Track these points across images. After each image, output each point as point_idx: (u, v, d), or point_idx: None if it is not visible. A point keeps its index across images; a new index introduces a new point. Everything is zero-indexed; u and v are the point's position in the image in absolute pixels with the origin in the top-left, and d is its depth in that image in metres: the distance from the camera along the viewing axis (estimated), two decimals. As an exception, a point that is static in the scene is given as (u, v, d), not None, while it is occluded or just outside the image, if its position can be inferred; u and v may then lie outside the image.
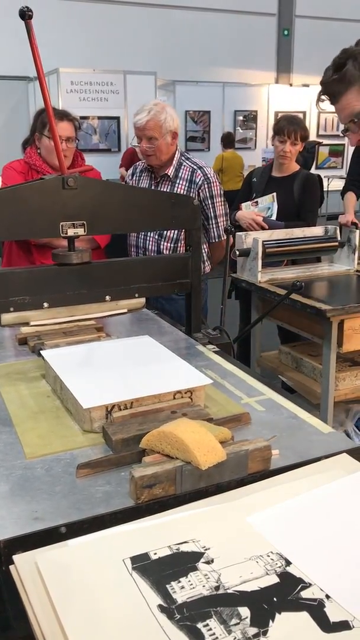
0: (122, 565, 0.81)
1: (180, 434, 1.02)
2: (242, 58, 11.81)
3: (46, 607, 0.75)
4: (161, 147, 2.64)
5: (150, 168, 2.79)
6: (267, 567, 0.80)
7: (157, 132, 2.61)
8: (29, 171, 2.55)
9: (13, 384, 1.47)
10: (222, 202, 2.77)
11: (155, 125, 2.59)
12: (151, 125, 2.60)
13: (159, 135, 2.61)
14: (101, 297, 1.61)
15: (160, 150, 2.65)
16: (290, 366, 2.95)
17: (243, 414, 1.27)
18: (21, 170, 2.56)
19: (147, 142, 2.64)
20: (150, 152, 2.65)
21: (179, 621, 0.72)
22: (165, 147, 2.66)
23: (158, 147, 2.63)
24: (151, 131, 2.61)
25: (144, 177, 2.83)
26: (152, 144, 2.63)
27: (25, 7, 1.31)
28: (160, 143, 2.63)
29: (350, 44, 1.54)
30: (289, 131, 3.22)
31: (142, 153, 2.72)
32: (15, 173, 2.53)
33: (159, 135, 2.61)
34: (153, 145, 2.63)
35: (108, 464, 1.09)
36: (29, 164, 2.57)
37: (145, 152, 2.67)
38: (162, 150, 2.65)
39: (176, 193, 2.64)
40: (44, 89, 1.44)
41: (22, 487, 1.04)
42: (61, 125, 2.50)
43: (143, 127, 2.61)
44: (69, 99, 8.54)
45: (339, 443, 1.18)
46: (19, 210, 1.45)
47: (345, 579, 0.78)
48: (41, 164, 2.55)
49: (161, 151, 2.65)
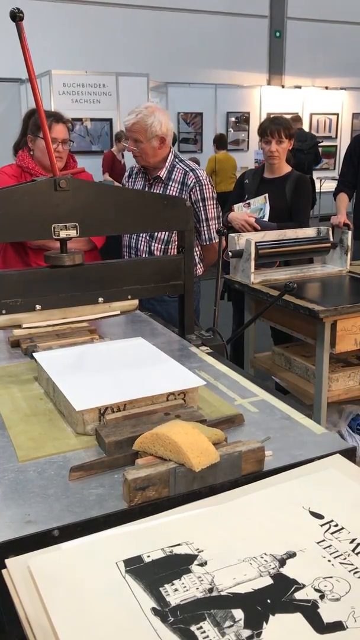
0: (115, 568, 0.80)
1: (174, 436, 1.02)
2: (234, 60, 11.83)
3: (39, 611, 0.74)
4: (146, 150, 2.65)
5: (144, 170, 2.80)
6: (261, 569, 0.80)
7: (141, 135, 2.62)
8: (22, 174, 2.53)
9: (5, 387, 1.46)
10: (214, 205, 2.78)
11: (140, 128, 2.61)
12: (136, 127, 2.62)
13: (144, 138, 2.62)
14: (94, 299, 1.61)
15: (145, 152, 2.66)
16: (284, 367, 2.96)
17: (236, 415, 1.27)
18: (13, 174, 2.53)
19: (132, 144, 2.68)
20: (136, 153, 2.69)
21: (172, 624, 0.71)
22: (151, 151, 2.66)
23: (143, 149, 2.65)
24: (136, 133, 2.63)
25: (138, 179, 2.84)
26: (136, 146, 2.66)
27: (16, 9, 1.31)
28: (145, 146, 2.64)
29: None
30: (271, 131, 3.22)
31: (130, 151, 2.75)
32: (7, 177, 2.50)
33: (143, 139, 2.63)
34: (137, 148, 2.66)
35: (101, 467, 1.08)
36: (21, 167, 2.54)
37: (131, 152, 2.71)
38: (148, 153, 2.67)
39: (169, 195, 2.64)
40: (35, 91, 1.44)
41: (15, 490, 1.04)
42: (57, 128, 2.50)
43: (129, 129, 2.66)
44: (61, 100, 8.52)
45: (332, 444, 1.18)
46: (10, 212, 1.44)
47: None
48: (34, 167, 2.53)
49: (147, 154, 2.67)
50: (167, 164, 2.72)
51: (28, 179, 2.48)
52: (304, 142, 8.76)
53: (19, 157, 2.58)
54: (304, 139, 8.90)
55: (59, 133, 2.50)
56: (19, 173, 2.54)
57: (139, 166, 2.83)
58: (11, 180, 2.48)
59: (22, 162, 2.55)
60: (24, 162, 2.55)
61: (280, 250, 2.97)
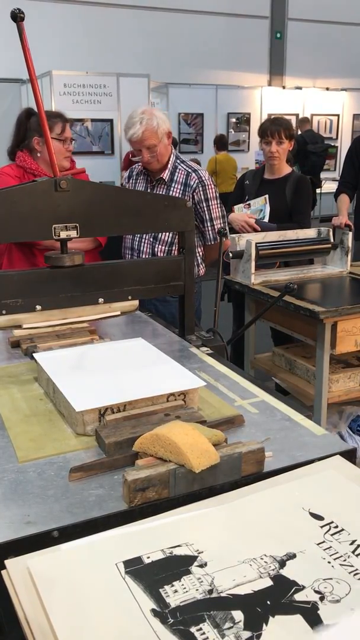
0: (115, 569, 0.80)
1: (174, 437, 1.02)
2: (235, 61, 11.83)
3: (38, 612, 0.74)
4: (161, 150, 2.65)
5: (146, 171, 2.79)
6: (261, 570, 0.80)
7: (154, 139, 2.61)
8: (24, 175, 2.51)
9: (5, 387, 1.46)
10: (217, 205, 2.77)
11: (151, 133, 2.60)
12: (147, 134, 2.60)
13: (157, 141, 2.61)
14: (94, 299, 1.60)
15: (160, 154, 2.66)
16: (284, 368, 2.96)
17: (236, 416, 1.27)
18: (15, 174, 2.51)
19: (148, 152, 2.63)
20: (153, 160, 2.66)
21: (172, 625, 0.71)
22: (165, 149, 2.67)
23: (159, 152, 2.64)
24: (149, 140, 2.61)
25: (140, 181, 2.83)
26: (153, 151, 2.63)
27: (17, 9, 1.31)
28: (160, 148, 2.63)
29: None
30: (271, 131, 3.23)
31: (143, 163, 2.71)
32: (10, 178, 2.48)
33: (157, 141, 2.61)
34: (154, 153, 2.63)
35: (101, 467, 1.08)
36: (23, 167, 2.52)
37: (148, 161, 2.67)
38: (162, 153, 2.67)
39: (169, 195, 2.64)
40: (36, 91, 1.44)
41: (15, 491, 1.04)
42: (67, 128, 2.51)
43: (140, 139, 2.61)
44: (62, 101, 8.52)
45: (333, 445, 1.18)
46: (11, 213, 1.44)
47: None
48: (37, 167, 2.51)
49: (162, 154, 2.67)
50: (169, 166, 2.71)
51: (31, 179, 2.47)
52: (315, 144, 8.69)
53: (19, 157, 2.55)
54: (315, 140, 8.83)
55: (69, 132, 2.52)
56: (20, 173, 2.52)
57: (140, 168, 2.82)
58: (14, 181, 2.45)
59: (24, 163, 2.52)
60: (26, 162, 2.52)
61: (280, 251, 2.97)
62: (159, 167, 2.71)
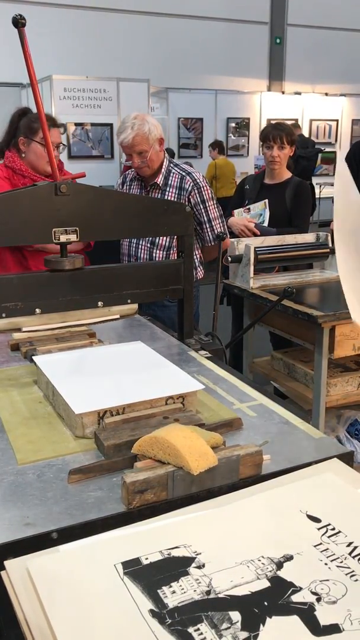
0: (113, 570, 0.81)
1: (172, 440, 1.02)
2: (234, 66, 11.88)
3: (37, 613, 0.75)
4: (152, 157, 2.66)
5: (139, 177, 2.80)
6: (258, 572, 0.81)
7: (145, 144, 2.62)
8: (14, 175, 2.49)
9: (5, 390, 1.47)
10: (214, 205, 2.79)
11: (142, 138, 2.61)
12: (138, 140, 2.61)
13: (148, 147, 2.63)
14: (93, 303, 1.61)
15: (151, 160, 2.67)
16: (282, 372, 2.96)
17: (235, 419, 1.28)
18: (5, 175, 2.49)
19: (138, 157, 2.65)
20: (143, 165, 2.67)
21: (170, 626, 0.72)
22: (156, 156, 2.68)
23: (150, 158, 2.65)
24: (140, 146, 2.62)
25: (134, 186, 2.84)
26: (143, 157, 2.64)
27: (19, 15, 1.32)
28: (151, 154, 2.65)
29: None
30: (274, 136, 3.25)
31: (134, 168, 2.73)
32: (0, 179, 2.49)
33: (148, 147, 2.63)
34: (145, 159, 2.65)
35: (100, 470, 1.09)
36: (12, 168, 2.50)
37: (138, 166, 2.68)
38: (153, 159, 2.68)
39: (168, 200, 2.65)
40: (37, 97, 1.45)
41: (14, 492, 1.04)
42: (54, 133, 2.50)
43: (131, 144, 2.62)
44: (62, 105, 8.55)
45: (330, 448, 1.19)
46: (11, 217, 1.45)
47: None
48: (27, 169, 2.49)
49: (152, 161, 2.68)
50: (163, 170, 2.73)
51: (20, 180, 2.46)
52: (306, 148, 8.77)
53: (8, 157, 2.52)
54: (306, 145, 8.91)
55: (56, 138, 2.50)
56: (10, 174, 2.50)
57: (134, 174, 2.84)
58: (4, 182, 2.45)
59: (13, 164, 2.50)
60: (15, 163, 2.50)
61: (279, 255, 2.98)
62: (150, 173, 2.72)
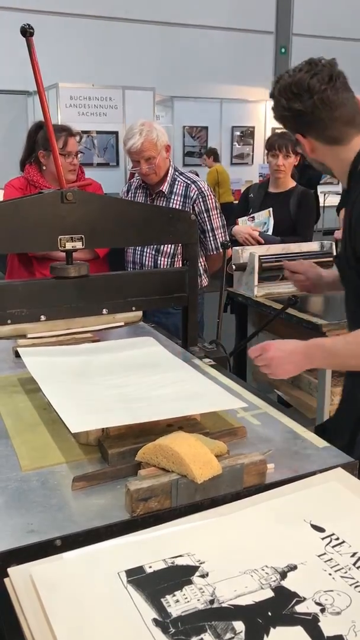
0: (117, 578, 0.81)
1: (176, 447, 1.02)
2: (239, 75, 11.92)
3: (40, 621, 0.74)
4: (159, 163, 2.67)
5: (144, 185, 2.81)
6: (262, 581, 0.80)
7: (153, 150, 2.63)
8: (28, 187, 2.58)
9: (10, 396, 1.47)
10: (218, 215, 2.80)
11: (150, 144, 2.62)
12: (146, 146, 2.62)
13: (156, 153, 2.64)
14: (98, 310, 1.62)
15: (159, 166, 2.68)
16: (286, 380, 2.95)
17: (239, 427, 1.28)
18: (19, 186, 2.60)
19: (146, 164, 2.66)
20: (151, 171, 2.68)
21: (173, 635, 0.72)
22: (163, 162, 2.70)
23: (157, 164, 2.66)
24: (148, 151, 2.63)
25: (139, 194, 2.85)
26: (151, 163, 2.65)
27: (27, 25, 1.34)
28: (158, 160, 2.66)
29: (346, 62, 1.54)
30: (279, 145, 3.25)
31: (141, 175, 2.74)
32: (14, 190, 2.57)
33: (155, 154, 2.64)
34: (153, 165, 2.66)
35: (104, 477, 1.09)
36: (28, 180, 2.60)
37: (146, 173, 2.70)
38: (161, 166, 2.69)
39: (173, 208, 2.66)
40: (44, 106, 1.46)
41: (18, 499, 1.04)
42: (71, 141, 2.57)
43: (139, 150, 2.63)
44: (68, 113, 8.59)
45: (334, 457, 1.18)
46: (18, 224, 1.46)
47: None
48: (39, 179, 2.58)
49: (160, 167, 2.69)
50: (168, 178, 2.74)
51: (33, 192, 2.51)
52: None
53: (27, 170, 2.63)
54: None
55: (73, 146, 2.56)
56: (24, 185, 2.60)
57: (139, 181, 2.85)
58: (17, 193, 2.52)
59: (29, 176, 2.61)
60: (31, 175, 2.60)
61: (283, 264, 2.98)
62: (157, 180, 2.73)
